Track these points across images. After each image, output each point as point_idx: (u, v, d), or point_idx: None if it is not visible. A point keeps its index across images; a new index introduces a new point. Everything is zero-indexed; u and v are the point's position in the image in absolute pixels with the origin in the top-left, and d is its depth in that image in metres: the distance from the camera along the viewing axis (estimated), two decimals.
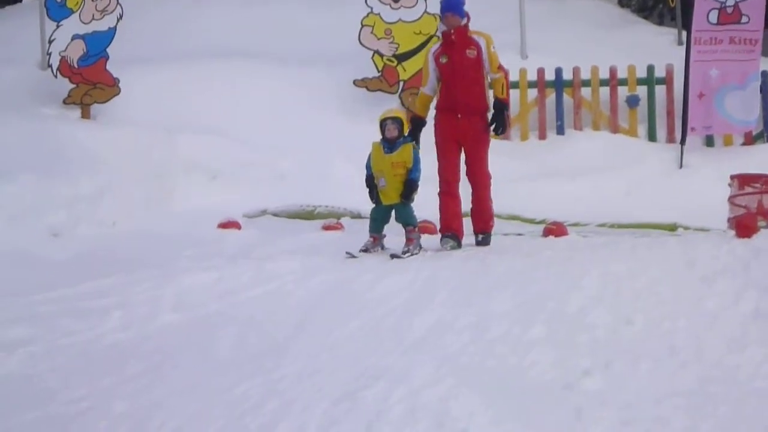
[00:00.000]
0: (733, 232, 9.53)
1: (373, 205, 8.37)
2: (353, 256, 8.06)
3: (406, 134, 8.33)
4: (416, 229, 8.29)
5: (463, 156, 9.33)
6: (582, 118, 13.60)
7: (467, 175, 9.41)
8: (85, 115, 13.51)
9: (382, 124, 8.28)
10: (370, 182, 8.31)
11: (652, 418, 4.73)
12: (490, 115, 9.25)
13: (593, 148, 13.41)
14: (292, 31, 15.92)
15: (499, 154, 12.69)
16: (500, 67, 9.37)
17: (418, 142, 9.34)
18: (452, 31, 9.22)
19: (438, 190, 9.18)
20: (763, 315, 6.71)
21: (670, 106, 12.73)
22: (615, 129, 13.33)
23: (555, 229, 10.23)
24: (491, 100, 9.27)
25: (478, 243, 9.22)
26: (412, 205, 8.29)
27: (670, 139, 13.22)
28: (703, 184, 12.21)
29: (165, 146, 13.03)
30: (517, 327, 6.64)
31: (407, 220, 8.24)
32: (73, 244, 10.29)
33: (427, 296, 7.74)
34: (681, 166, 12.84)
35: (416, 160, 8.25)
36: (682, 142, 12.71)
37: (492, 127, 9.26)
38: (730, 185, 10.94)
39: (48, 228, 10.49)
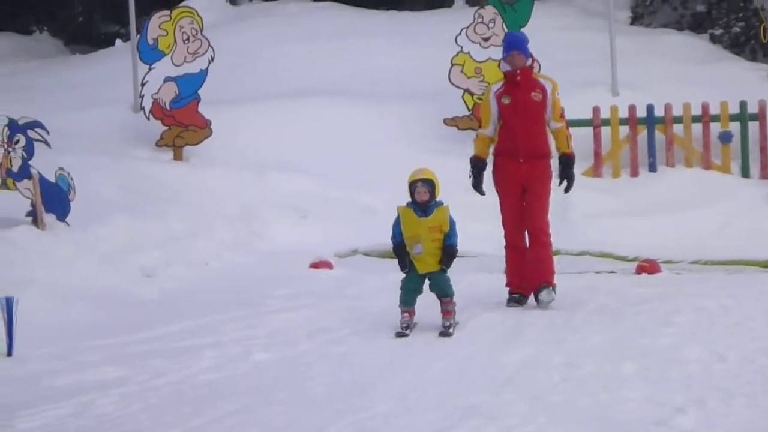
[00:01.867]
0: None
1: (404, 276, 7.61)
2: (404, 335, 7.39)
3: (438, 197, 7.59)
4: (452, 299, 7.56)
5: None
6: (674, 154, 13.69)
7: (526, 223, 9.05)
8: (178, 156, 13.82)
9: (412, 186, 7.55)
10: (400, 250, 7.63)
11: None
12: (553, 163, 8.96)
13: (685, 184, 13.44)
14: (382, 69, 16.20)
15: (591, 190, 12.92)
16: (562, 116, 9.06)
17: (480, 188, 9.11)
18: (517, 71, 8.91)
19: (504, 243, 8.92)
20: None
21: (763, 142, 12.79)
22: (708, 165, 13.41)
23: (648, 267, 10.20)
24: (552, 146, 9.02)
25: (539, 299, 8.68)
26: (448, 274, 7.63)
27: (764, 175, 13.31)
28: None
29: (255, 186, 13.23)
30: (609, 364, 6.68)
31: (445, 290, 7.53)
32: (166, 284, 10.50)
33: (516, 334, 7.77)
34: None
35: (452, 224, 7.64)
36: None
37: (560, 184, 8.93)
38: None
39: (140, 268, 10.72)
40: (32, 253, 10.19)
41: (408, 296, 7.44)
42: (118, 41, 21.36)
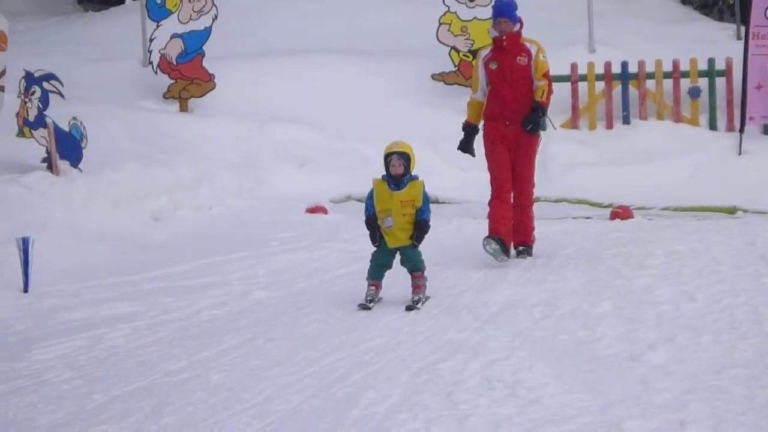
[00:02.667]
0: None
1: (374, 249, 6.91)
2: (367, 308, 6.63)
3: (413, 171, 6.91)
4: (424, 274, 6.86)
5: None
6: (647, 108, 13.95)
7: (513, 183, 8.94)
8: (183, 108, 13.91)
9: (387, 158, 6.88)
10: (372, 223, 6.88)
11: (713, 387, 4.82)
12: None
13: (657, 136, 13.61)
14: (374, 27, 16.26)
15: (569, 141, 13.15)
16: (545, 75, 8.79)
17: (472, 152, 8.97)
18: (504, 37, 8.66)
19: (490, 196, 8.73)
20: None
21: (729, 96, 12.97)
22: (678, 118, 13.69)
23: (621, 213, 10.28)
24: None
25: (519, 254, 8.66)
26: (420, 248, 6.90)
27: (730, 128, 13.52)
28: (761, 170, 12.39)
29: (257, 136, 13.30)
30: (587, 303, 6.78)
31: (416, 264, 6.81)
32: (174, 228, 10.58)
33: (499, 276, 7.86)
34: (740, 153, 13.04)
35: (426, 199, 6.90)
36: (741, 130, 12.99)
37: (523, 123, 8.62)
38: None
39: (150, 212, 10.83)
40: (48, 198, 10.27)
41: (376, 270, 6.75)
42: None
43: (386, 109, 13.88)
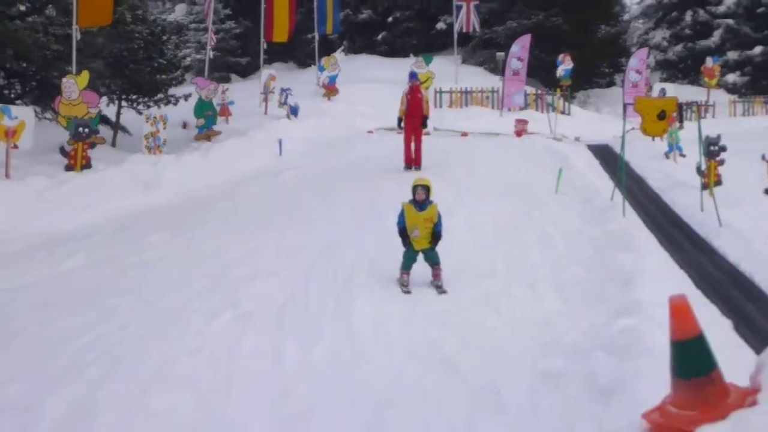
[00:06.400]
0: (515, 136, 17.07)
1: (405, 249, 7.66)
2: (408, 291, 7.51)
3: (431, 197, 7.83)
4: (440, 267, 7.66)
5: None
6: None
7: (414, 143, 13.27)
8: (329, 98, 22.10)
9: (414, 189, 7.68)
10: (403, 232, 7.67)
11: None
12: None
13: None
14: None
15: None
16: (427, 102, 13.17)
17: (400, 127, 13.25)
18: (413, 87, 12.99)
19: (403, 146, 13.31)
20: None
21: None
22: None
23: (466, 133, 17.96)
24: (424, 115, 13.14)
25: (416, 170, 12.31)
26: (436, 250, 7.67)
27: None
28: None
29: (354, 111, 21.48)
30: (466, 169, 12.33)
31: (435, 260, 7.66)
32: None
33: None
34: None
35: (439, 217, 7.69)
36: None
37: (421, 124, 12.92)
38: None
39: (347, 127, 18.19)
40: (287, 125, 17.91)
41: (407, 263, 7.59)
42: None
43: (376, 93, 22.80)
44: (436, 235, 7.68)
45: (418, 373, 5.34)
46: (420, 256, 7.71)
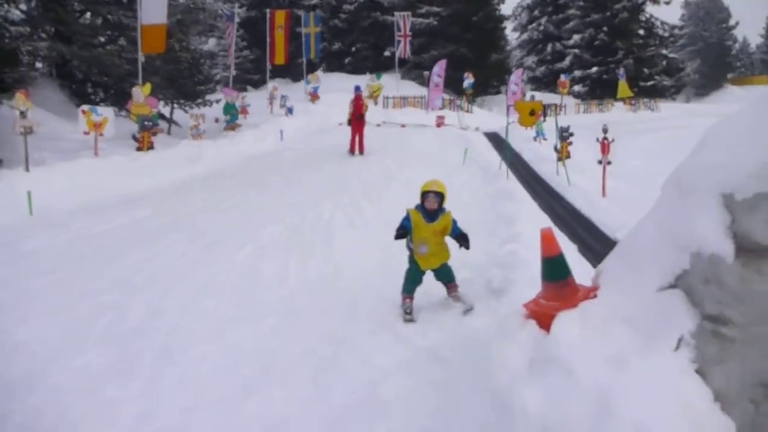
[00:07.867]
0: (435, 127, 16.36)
1: (408, 267, 4.59)
2: (412, 320, 4.40)
3: (444, 205, 4.54)
4: (456, 283, 4.66)
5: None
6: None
7: (358, 136, 12.19)
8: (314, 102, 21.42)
9: (424, 194, 4.46)
10: (402, 231, 4.55)
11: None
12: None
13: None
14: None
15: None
16: (366, 107, 12.19)
17: (349, 124, 11.97)
18: (356, 96, 12.09)
19: (350, 138, 12.33)
20: None
21: None
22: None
23: (404, 125, 18.40)
24: (366, 114, 12.27)
25: (360, 154, 11.45)
26: (449, 264, 4.60)
27: None
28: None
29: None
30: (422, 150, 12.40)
31: (450, 278, 4.65)
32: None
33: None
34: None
35: (455, 222, 4.60)
36: None
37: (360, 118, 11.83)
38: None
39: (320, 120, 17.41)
40: (284, 119, 17.34)
41: (410, 286, 4.57)
42: None
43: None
44: (461, 237, 4.62)
45: (378, 283, 5.22)
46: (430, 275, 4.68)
